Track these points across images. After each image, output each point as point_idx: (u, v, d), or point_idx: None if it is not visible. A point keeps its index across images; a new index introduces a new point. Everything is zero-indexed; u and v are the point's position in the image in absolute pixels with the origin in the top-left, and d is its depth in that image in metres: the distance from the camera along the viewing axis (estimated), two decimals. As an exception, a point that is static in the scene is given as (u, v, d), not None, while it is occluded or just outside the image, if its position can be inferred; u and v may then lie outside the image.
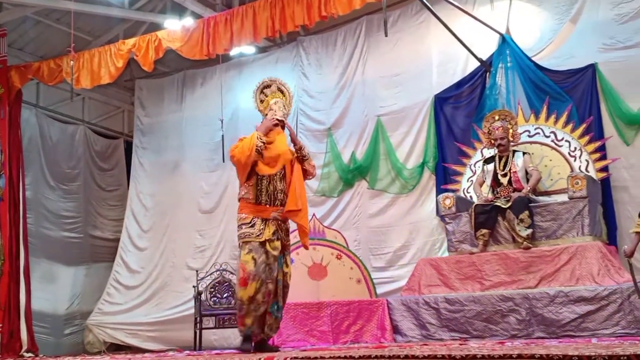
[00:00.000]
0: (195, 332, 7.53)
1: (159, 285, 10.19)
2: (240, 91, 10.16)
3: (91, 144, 11.23)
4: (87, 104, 11.32)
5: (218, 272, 7.95)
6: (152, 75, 10.71)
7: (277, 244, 5.08)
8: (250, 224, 5.05)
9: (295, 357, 3.48)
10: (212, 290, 7.78)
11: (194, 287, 7.86)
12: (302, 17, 6.97)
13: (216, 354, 5.38)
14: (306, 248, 5.50)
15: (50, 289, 10.18)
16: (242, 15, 7.36)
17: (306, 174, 5.38)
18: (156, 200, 10.71)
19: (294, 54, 9.91)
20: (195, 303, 7.69)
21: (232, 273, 8.06)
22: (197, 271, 8.20)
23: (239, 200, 5.26)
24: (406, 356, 3.10)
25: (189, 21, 8.30)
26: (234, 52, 9.62)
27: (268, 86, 5.39)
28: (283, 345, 6.79)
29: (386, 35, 6.52)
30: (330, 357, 3.38)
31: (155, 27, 9.11)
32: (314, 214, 8.13)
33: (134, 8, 9.75)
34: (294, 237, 5.61)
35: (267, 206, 5.10)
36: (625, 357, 2.53)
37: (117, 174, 11.58)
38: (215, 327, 7.66)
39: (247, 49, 10.03)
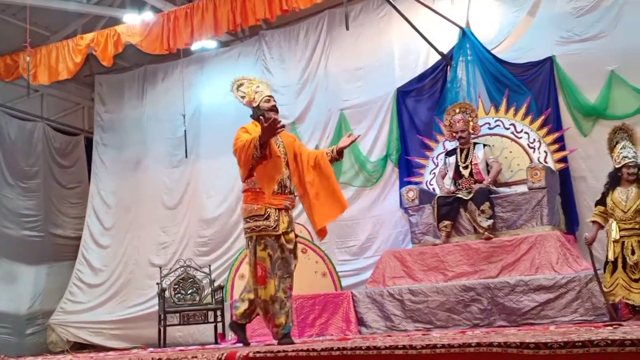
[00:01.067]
0: (159, 329, 7.47)
1: (122, 283, 10.10)
2: (202, 86, 10.10)
3: (50, 141, 11.03)
4: (45, 101, 11.11)
5: (182, 269, 7.89)
6: (112, 71, 10.58)
7: (292, 235, 4.79)
8: (265, 216, 4.66)
9: (258, 352, 3.47)
10: (176, 286, 7.72)
11: (157, 284, 7.79)
12: (263, 11, 6.96)
13: (180, 350, 5.35)
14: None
15: (12, 289, 10.01)
16: (203, 9, 7.32)
17: None
18: (118, 197, 10.59)
19: (257, 48, 9.88)
20: (159, 300, 7.62)
21: (196, 269, 8.02)
22: (160, 268, 8.14)
23: (245, 191, 4.84)
24: (368, 347, 3.11)
25: (148, 15, 8.21)
26: (195, 46, 9.55)
27: (241, 84, 5.23)
28: (249, 340, 6.77)
29: (347, 29, 6.56)
30: (293, 351, 3.38)
31: (114, 21, 8.99)
32: (278, 209, 8.15)
33: (92, 2, 9.61)
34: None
35: (279, 194, 4.76)
36: (580, 343, 2.57)
37: (78, 171, 11.41)
38: (179, 324, 7.59)
39: (208, 43, 9.97)
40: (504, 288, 6.07)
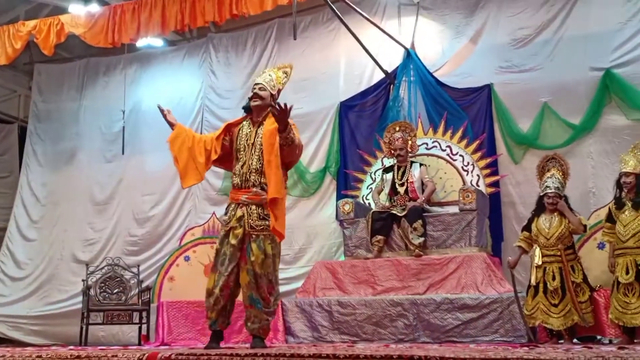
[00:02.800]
0: (81, 327, 7.30)
1: (45, 277, 9.82)
2: (144, 83, 9.99)
3: (-19, 127, 10.70)
4: (-21, 86, 10.79)
5: (109, 267, 7.74)
6: (52, 60, 10.34)
7: (239, 231, 4.54)
8: (226, 211, 4.71)
9: (180, 354, 3.46)
10: (102, 285, 7.57)
11: (83, 280, 7.62)
12: (212, 14, 6.94)
13: (100, 349, 5.24)
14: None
15: None
16: (151, 6, 7.25)
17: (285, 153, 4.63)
18: (48, 190, 10.32)
19: (203, 50, 9.85)
20: (83, 297, 7.45)
21: (124, 268, 7.88)
22: (87, 265, 7.96)
23: None
24: (292, 355, 3.15)
25: (95, 7, 8.07)
26: (141, 43, 9.43)
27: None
28: (173, 343, 6.71)
29: (295, 39, 6.61)
30: (216, 355, 3.38)
31: (59, 10, 8.79)
32: (213, 213, 8.12)
33: (37, -11, 9.36)
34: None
35: (238, 189, 4.65)
36: (496, 361, 2.68)
37: (9, 160, 11.09)
38: (103, 323, 7.44)
39: (155, 41, 9.86)
40: (429, 305, 6.21)
